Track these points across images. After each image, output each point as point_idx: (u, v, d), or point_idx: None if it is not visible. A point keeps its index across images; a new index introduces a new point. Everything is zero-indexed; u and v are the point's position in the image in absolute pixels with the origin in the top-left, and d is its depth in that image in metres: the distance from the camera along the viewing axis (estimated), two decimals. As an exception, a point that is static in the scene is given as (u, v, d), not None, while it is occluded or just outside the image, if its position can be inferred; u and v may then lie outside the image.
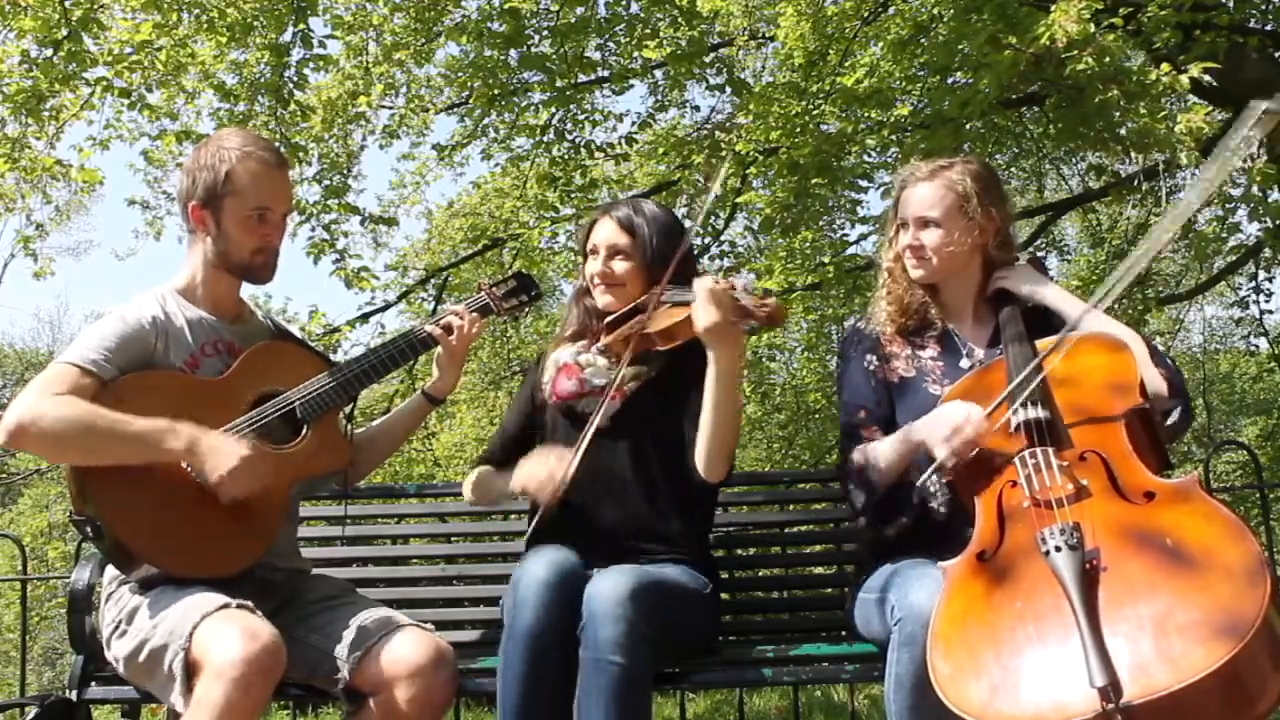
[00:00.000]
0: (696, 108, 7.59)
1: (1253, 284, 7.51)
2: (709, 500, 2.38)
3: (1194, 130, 4.04)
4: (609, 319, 2.29)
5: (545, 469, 2.17)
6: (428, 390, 2.39)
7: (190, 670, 1.85)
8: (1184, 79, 3.95)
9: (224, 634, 1.82)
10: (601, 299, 2.34)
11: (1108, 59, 3.93)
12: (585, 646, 1.92)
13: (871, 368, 2.23)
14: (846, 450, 2.20)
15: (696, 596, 2.18)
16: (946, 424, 1.94)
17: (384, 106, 6.62)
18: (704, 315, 2.06)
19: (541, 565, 2.02)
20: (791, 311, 6.52)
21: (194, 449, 1.96)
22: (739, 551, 2.92)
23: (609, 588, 1.94)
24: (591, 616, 1.93)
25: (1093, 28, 3.83)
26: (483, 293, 2.41)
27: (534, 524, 2.23)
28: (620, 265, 2.32)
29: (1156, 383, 2.03)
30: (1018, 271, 2.23)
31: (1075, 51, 3.85)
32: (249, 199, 2.12)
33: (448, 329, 2.30)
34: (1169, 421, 2.04)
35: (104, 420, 1.94)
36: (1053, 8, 3.89)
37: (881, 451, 2.11)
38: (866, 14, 5.78)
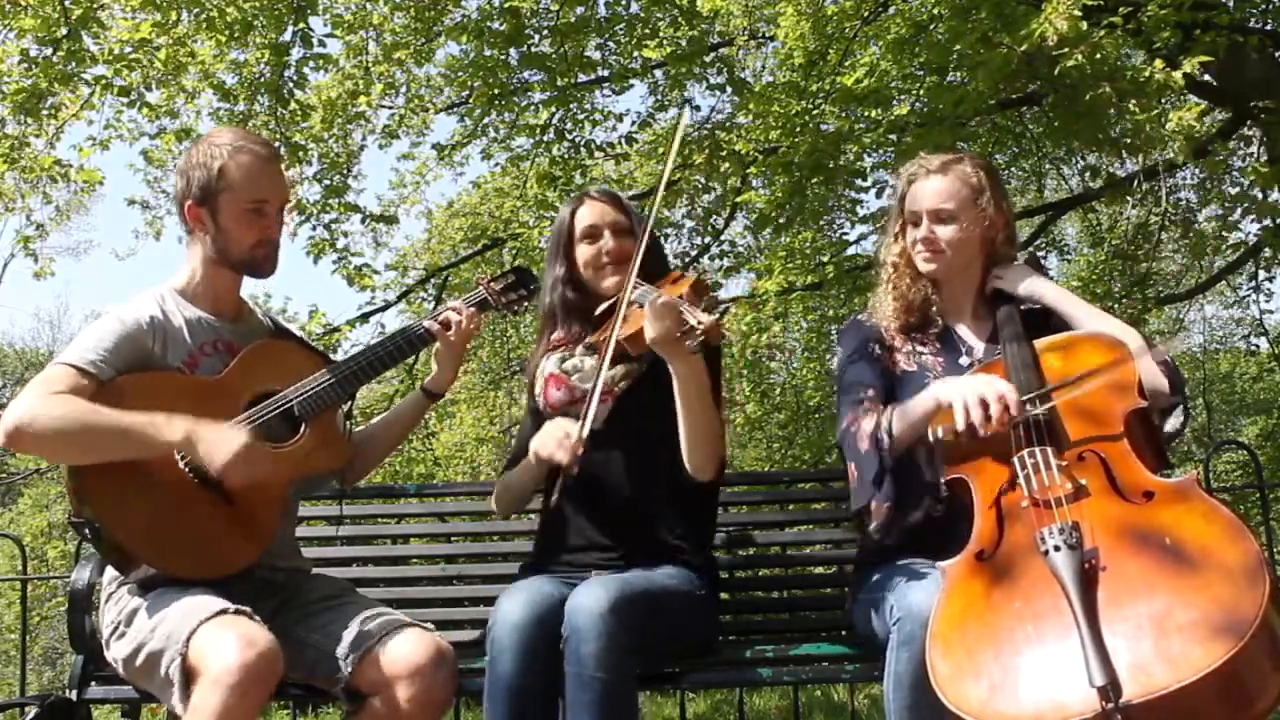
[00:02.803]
0: (697, 107, 7.58)
1: (1253, 284, 7.52)
2: (708, 499, 2.35)
3: (1186, 128, 4.03)
4: (598, 312, 2.26)
5: (561, 430, 2.15)
6: (426, 386, 2.38)
7: (188, 675, 1.85)
8: (1177, 75, 3.94)
9: (221, 640, 1.82)
10: (612, 279, 2.30)
11: (1100, 56, 3.92)
12: (568, 661, 1.91)
13: (876, 354, 2.21)
14: (851, 420, 2.10)
15: (688, 599, 2.15)
16: (975, 391, 1.90)
17: (384, 106, 6.62)
18: (650, 328, 2.05)
19: (518, 606, 2.01)
20: (791, 311, 6.52)
21: (191, 439, 1.95)
22: (739, 551, 2.91)
23: (589, 602, 1.92)
24: (573, 631, 1.92)
25: (1084, 25, 3.82)
26: (481, 287, 2.40)
27: (559, 484, 2.16)
28: (627, 241, 2.29)
29: (1156, 379, 2.01)
30: (1014, 270, 2.22)
31: (1066, 49, 3.84)
32: (244, 193, 2.12)
33: (445, 324, 2.29)
34: (1169, 426, 2.02)
35: (100, 416, 1.94)
36: (1044, 5, 3.88)
37: (897, 415, 2.04)
38: (866, 14, 5.78)
